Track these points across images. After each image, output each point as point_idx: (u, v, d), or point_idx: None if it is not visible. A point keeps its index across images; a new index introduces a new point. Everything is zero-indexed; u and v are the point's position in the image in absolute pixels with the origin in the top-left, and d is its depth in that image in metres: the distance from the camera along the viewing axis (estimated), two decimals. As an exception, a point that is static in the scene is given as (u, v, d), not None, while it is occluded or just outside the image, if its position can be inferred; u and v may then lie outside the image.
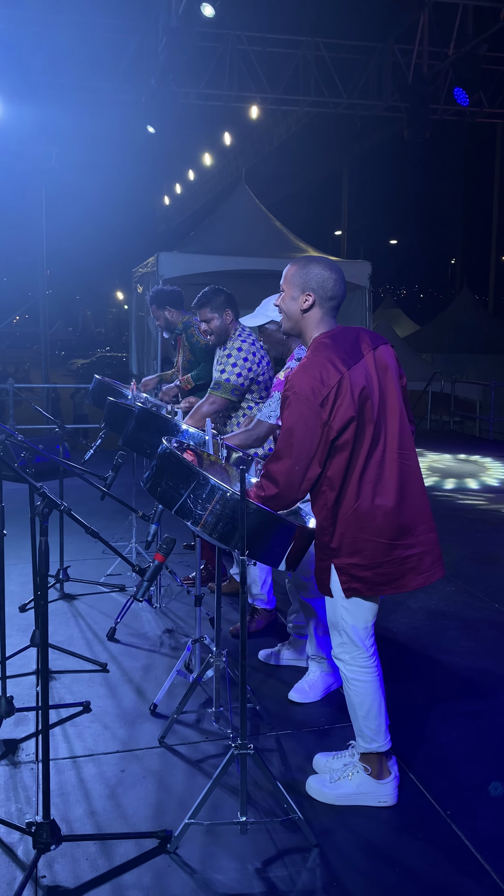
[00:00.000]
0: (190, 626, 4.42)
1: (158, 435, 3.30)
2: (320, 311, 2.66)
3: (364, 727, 2.76)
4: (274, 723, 3.36)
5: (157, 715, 3.43)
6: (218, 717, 3.32)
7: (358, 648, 2.70)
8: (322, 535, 2.63)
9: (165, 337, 5.26)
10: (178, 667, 3.49)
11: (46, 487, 2.48)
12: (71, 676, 3.78)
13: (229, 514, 2.51)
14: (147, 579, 2.76)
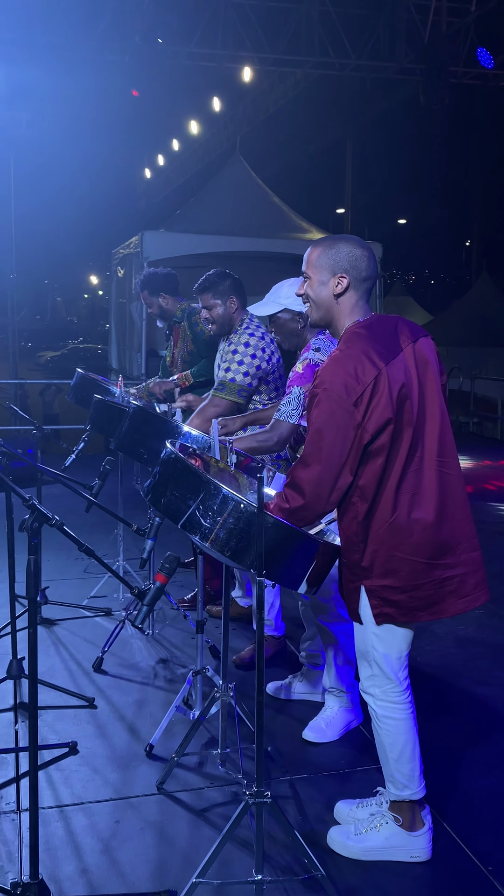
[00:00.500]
0: (188, 655, 4.38)
1: (156, 438, 3.27)
2: (355, 295, 2.63)
3: (396, 772, 2.72)
4: (287, 766, 3.33)
5: (154, 757, 3.38)
6: (224, 760, 3.27)
7: (390, 682, 2.66)
8: (351, 553, 2.59)
9: (159, 326, 5.22)
10: (176, 702, 3.45)
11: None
12: (54, 713, 3.73)
13: (244, 528, 2.47)
14: (147, 603, 2.73)
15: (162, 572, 2.77)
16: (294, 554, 2.55)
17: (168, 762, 3.22)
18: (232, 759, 3.32)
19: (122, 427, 3.46)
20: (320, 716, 3.59)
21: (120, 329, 12.11)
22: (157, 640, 4.55)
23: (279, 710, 3.81)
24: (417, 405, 2.56)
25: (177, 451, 2.64)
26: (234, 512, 2.46)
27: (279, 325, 3.57)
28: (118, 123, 23.54)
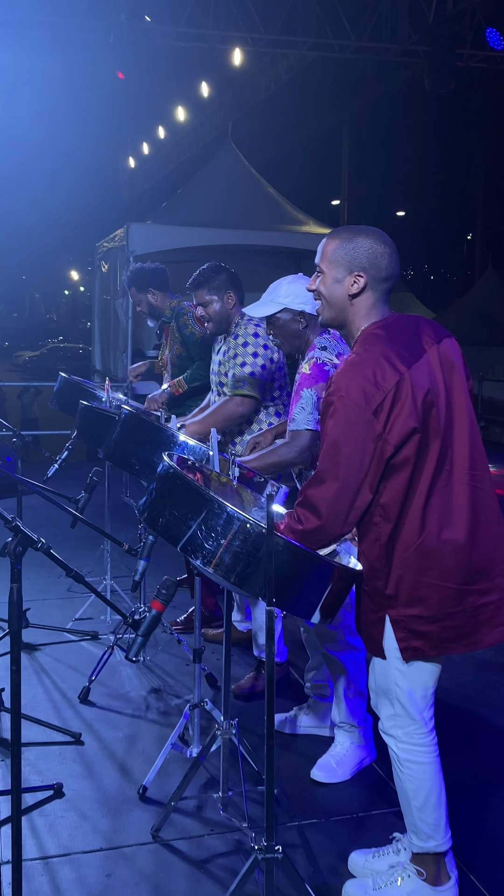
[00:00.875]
0: (182, 684, 4.25)
1: (150, 447, 3.14)
2: (373, 296, 2.51)
3: (419, 821, 2.59)
4: (295, 809, 3.20)
5: (148, 800, 3.25)
6: (226, 804, 3.14)
7: (414, 722, 2.53)
8: (374, 579, 2.46)
9: (150, 326, 5.11)
10: (172, 739, 3.31)
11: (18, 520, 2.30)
12: (36, 750, 3.59)
13: (251, 551, 2.34)
14: (142, 634, 2.61)
15: (158, 599, 2.65)
16: (307, 579, 2.42)
17: (164, 807, 3.09)
18: (234, 803, 3.18)
19: (111, 435, 3.33)
20: (330, 753, 3.47)
21: (104, 328, 11.98)
22: (148, 667, 4.41)
23: (284, 745, 3.68)
24: (445, 413, 2.43)
25: (175, 466, 2.50)
26: (240, 533, 2.34)
27: (278, 326, 3.43)
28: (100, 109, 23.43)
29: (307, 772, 3.43)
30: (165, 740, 3.66)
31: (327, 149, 27.88)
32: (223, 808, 3.13)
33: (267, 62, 17.20)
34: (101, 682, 4.18)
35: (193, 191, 11.45)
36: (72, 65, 13.50)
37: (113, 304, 11.03)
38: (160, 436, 3.16)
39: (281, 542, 2.34)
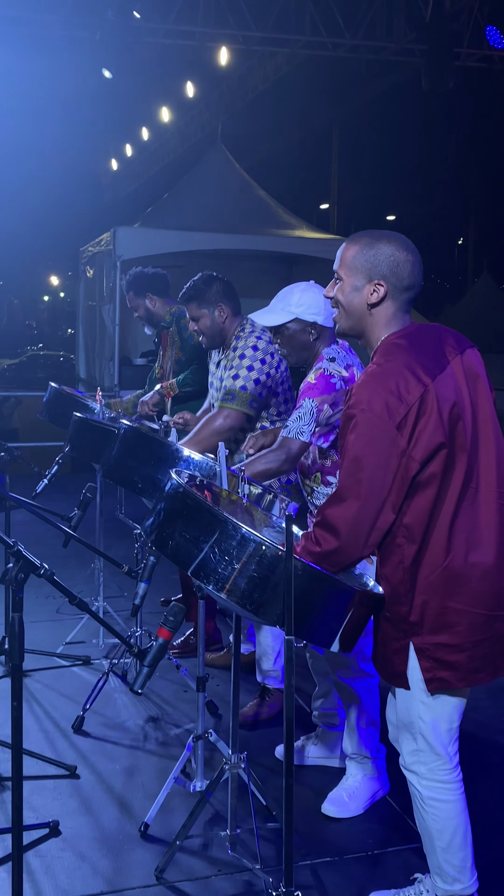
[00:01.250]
0: (181, 712, 4.15)
1: (152, 464, 3.05)
2: (393, 305, 2.45)
3: (444, 863, 2.51)
4: (307, 847, 3.11)
5: (150, 838, 3.16)
6: (234, 843, 3.04)
7: (439, 758, 2.45)
8: (397, 605, 2.39)
9: (148, 333, 5.03)
10: (175, 773, 3.22)
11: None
12: (29, 785, 3.48)
13: (267, 575, 2.27)
14: (149, 664, 2.53)
15: (166, 626, 2.57)
16: (327, 606, 2.35)
17: (169, 846, 2.99)
18: (242, 842, 3.09)
19: (111, 451, 3.24)
20: (341, 786, 3.38)
21: (89, 335, 11.88)
22: (144, 694, 4.31)
23: (292, 777, 3.58)
24: (471, 427, 2.37)
25: (184, 484, 2.42)
26: (256, 556, 2.26)
27: (287, 336, 3.35)
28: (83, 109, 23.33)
29: (317, 806, 3.34)
30: (166, 773, 3.57)
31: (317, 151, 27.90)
32: (231, 846, 3.04)
33: (254, 62, 17.18)
34: (96, 711, 4.08)
35: (182, 194, 11.38)
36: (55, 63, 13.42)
37: (99, 310, 10.93)
38: (163, 451, 3.07)
39: (300, 565, 2.26)
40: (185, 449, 3.13)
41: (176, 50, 13.11)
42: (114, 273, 9.90)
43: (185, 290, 4.08)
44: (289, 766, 2.29)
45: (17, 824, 2.19)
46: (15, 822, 2.18)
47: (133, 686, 2.50)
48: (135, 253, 9.95)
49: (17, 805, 2.17)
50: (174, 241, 9.97)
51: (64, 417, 4.82)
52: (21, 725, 2.19)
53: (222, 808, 3.29)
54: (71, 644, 4.83)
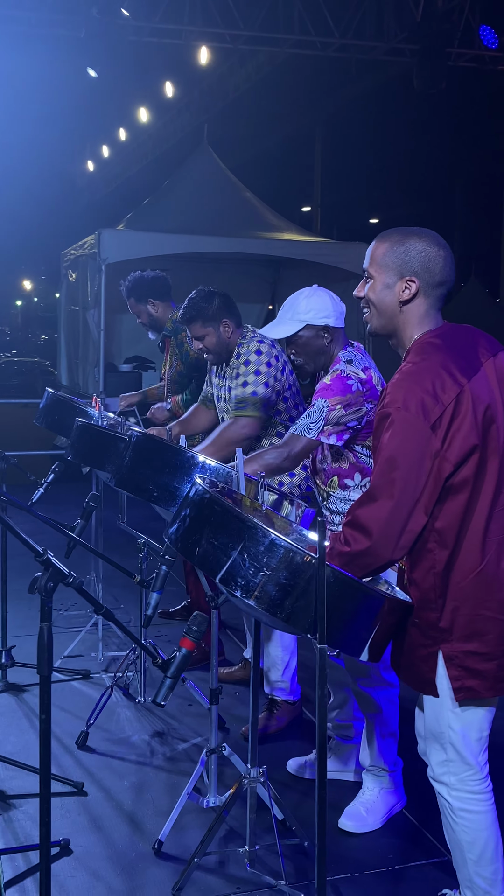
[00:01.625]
0: (186, 726, 4.15)
1: (168, 471, 3.05)
2: (425, 302, 2.46)
3: (475, 875, 2.52)
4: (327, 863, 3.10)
5: (165, 856, 3.15)
6: (252, 860, 3.04)
7: (469, 767, 2.47)
8: (427, 611, 2.40)
9: (151, 338, 5.03)
10: (188, 789, 3.21)
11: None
12: (37, 803, 3.43)
13: (298, 583, 2.27)
14: (172, 675, 2.53)
15: (189, 636, 2.58)
16: (358, 614, 2.36)
17: (186, 863, 2.99)
18: (260, 858, 3.09)
19: (115, 459, 3.24)
20: (358, 800, 3.39)
21: (71, 341, 11.85)
22: (147, 708, 4.31)
23: (305, 792, 3.60)
24: (503, 430, 2.39)
25: (211, 491, 2.43)
26: (287, 563, 2.26)
27: (301, 345, 3.37)
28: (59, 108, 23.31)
29: (333, 821, 3.35)
30: (175, 789, 3.59)
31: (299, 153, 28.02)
32: (250, 863, 3.04)
33: (235, 61, 17.26)
34: (99, 726, 4.06)
35: (168, 195, 11.39)
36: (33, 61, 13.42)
37: (82, 315, 10.91)
38: (178, 458, 3.07)
39: (332, 572, 2.28)
40: (199, 455, 3.13)
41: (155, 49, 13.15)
42: (98, 276, 9.88)
43: (185, 309, 4.06)
44: (322, 779, 2.30)
45: (45, 838, 2.18)
46: (43, 836, 2.18)
47: (156, 698, 2.50)
48: (120, 256, 9.93)
49: (46, 820, 2.17)
50: (160, 243, 9.97)
51: (60, 424, 4.82)
52: (49, 738, 2.19)
53: (236, 824, 3.30)
54: (69, 658, 4.82)
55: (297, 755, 3.80)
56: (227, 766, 3.45)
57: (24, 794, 3.52)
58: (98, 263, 9.87)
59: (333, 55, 11.55)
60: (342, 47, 11.22)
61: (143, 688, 4.31)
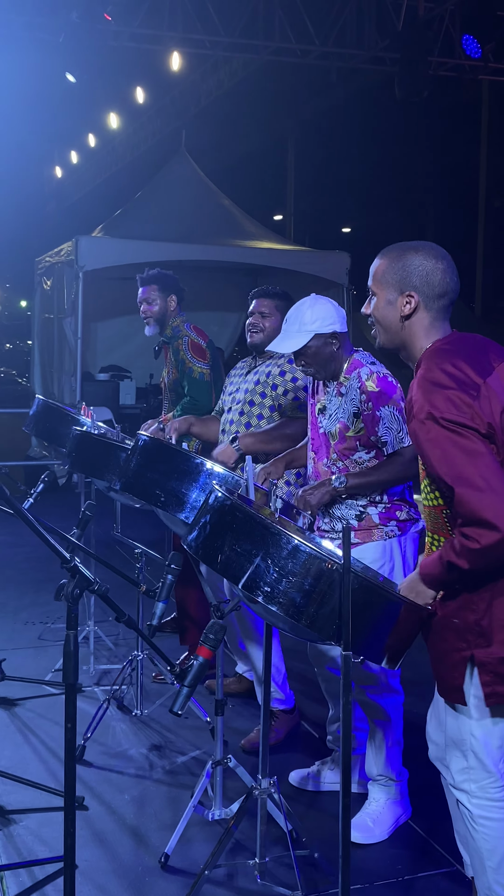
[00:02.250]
0: (185, 740, 4.17)
1: (176, 476, 3.08)
2: (428, 316, 2.52)
3: (494, 883, 2.56)
4: (335, 874, 3.13)
5: (171, 869, 3.17)
6: (263, 872, 3.06)
7: (490, 775, 2.51)
8: (467, 611, 2.43)
9: (147, 335, 5.02)
10: (194, 801, 3.23)
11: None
12: (37, 818, 3.48)
13: (322, 589, 2.32)
14: (189, 684, 2.56)
15: (206, 644, 2.62)
16: (380, 619, 2.40)
17: (196, 878, 3.00)
18: (269, 870, 3.11)
19: (129, 465, 3.26)
20: (364, 811, 3.43)
21: (45, 349, 11.81)
22: (143, 721, 4.31)
23: (309, 804, 3.63)
24: None
25: (233, 497, 2.47)
26: (308, 568, 2.30)
27: (311, 355, 3.41)
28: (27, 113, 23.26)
29: (338, 831, 3.37)
30: (177, 802, 3.60)
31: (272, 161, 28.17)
32: (260, 875, 3.06)
33: (208, 67, 17.33)
34: (96, 740, 4.07)
35: (146, 202, 11.42)
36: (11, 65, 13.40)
37: (57, 323, 10.89)
38: (186, 464, 3.10)
39: (355, 578, 2.32)
40: (207, 462, 3.16)
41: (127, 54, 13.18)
42: (76, 284, 9.89)
43: (264, 287, 4.21)
44: (346, 785, 2.34)
45: (70, 849, 2.19)
46: (67, 846, 2.19)
47: (172, 707, 2.52)
48: (98, 263, 9.96)
49: (70, 831, 2.18)
50: (139, 251, 9.99)
51: (51, 432, 4.84)
52: (74, 748, 2.20)
53: (241, 837, 3.32)
54: (59, 671, 4.80)
55: (297, 767, 3.84)
56: (229, 779, 3.47)
57: (25, 808, 3.51)
58: (75, 271, 9.88)
59: (314, 63, 11.66)
60: (323, 55, 11.33)
61: (139, 701, 4.32)
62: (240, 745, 4.04)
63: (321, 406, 3.48)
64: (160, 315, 4.90)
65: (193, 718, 4.29)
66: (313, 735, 4.23)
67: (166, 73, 16.22)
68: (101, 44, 9.65)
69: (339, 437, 3.36)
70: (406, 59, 9.67)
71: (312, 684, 4.56)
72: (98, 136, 26.39)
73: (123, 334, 12.12)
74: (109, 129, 24.76)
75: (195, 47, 11.28)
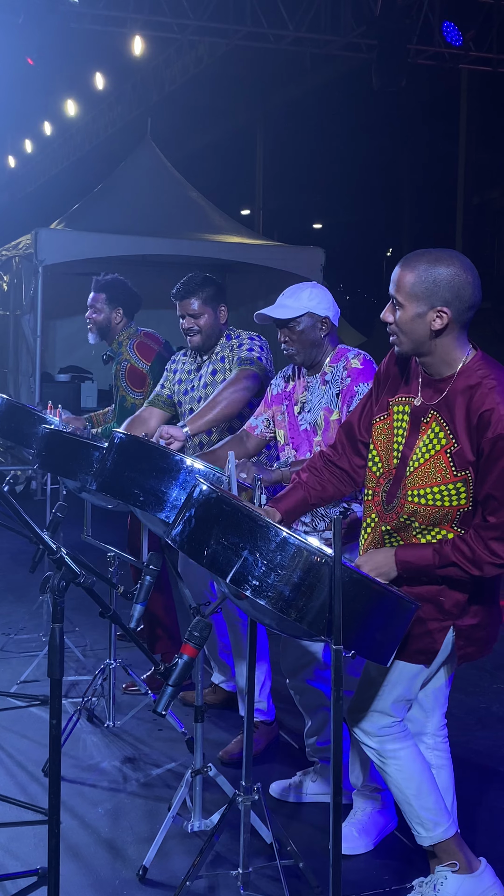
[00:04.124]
0: (158, 751, 4.25)
1: (155, 475, 3.15)
2: (457, 328, 2.66)
3: (420, 809, 2.90)
4: (322, 884, 3.22)
5: (150, 882, 3.24)
6: (246, 883, 3.14)
7: None
8: (457, 591, 2.78)
9: (91, 342, 5.11)
10: (173, 812, 3.30)
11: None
12: (7, 832, 3.53)
13: (306, 581, 2.41)
14: (174, 683, 2.64)
15: (191, 643, 2.69)
16: (371, 614, 2.51)
17: (177, 889, 3.07)
18: (252, 882, 3.19)
19: (106, 463, 3.33)
20: (349, 821, 3.52)
21: (1, 349, 11.82)
22: (116, 734, 4.38)
23: (291, 815, 3.72)
24: None
25: (218, 490, 2.55)
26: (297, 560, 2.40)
27: (298, 331, 3.53)
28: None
29: (324, 843, 3.40)
30: (153, 815, 3.67)
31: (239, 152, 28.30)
32: (244, 886, 3.14)
33: (172, 53, 17.40)
34: (66, 753, 4.11)
35: (110, 192, 11.49)
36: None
37: (14, 320, 10.92)
38: (166, 462, 3.17)
39: (355, 576, 2.43)
40: (187, 459, 3.24)
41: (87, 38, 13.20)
42: (35, 279, 9.94)
43: (184, 284, 4.25)
44: (337, 786, 2.43)
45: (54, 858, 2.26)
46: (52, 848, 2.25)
47: (157, 707, 2.60)
48: (59, 257, 10.02)
49: (55, 832, 2.24)
50: (102, 244, 10.08)
51: (17, 432, 4.89)
52: (59, 745, 2.27)
53: (223, 849, 3.39)
54: (25, 683, 4.86)
55: (278, 778, 3.92)
56: (208, 791, 3.54)
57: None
58: (35, 265, 9.92)
59: (286, 48, 11.79)
60: (296, 40, 11.46)
61: (111, 713, 4.38)
62: (218, 755, 4.12)
63: (300, 405, 3.60)
64: (103, 325, 4.97)
65: (168, 730, 4.36)
66: (293, 746, 4.32)
67: (127, 59, 16.26)
68: (63, 26, 9.70)
69: (325, 425, 3.49)
70: (383, 45, 9.84)
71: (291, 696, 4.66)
72: (55, 123, 26.36)
73: (85, 333, 12.11)
74: (67, 117, 24.76)
75: (162, 30, 11.36)
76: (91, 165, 23.99)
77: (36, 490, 10.16)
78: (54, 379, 11.54)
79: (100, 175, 13.42)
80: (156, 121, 12.87)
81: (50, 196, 26.50)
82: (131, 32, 11.68)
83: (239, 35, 11.16)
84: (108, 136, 24.07)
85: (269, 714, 4.29)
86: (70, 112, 24.02)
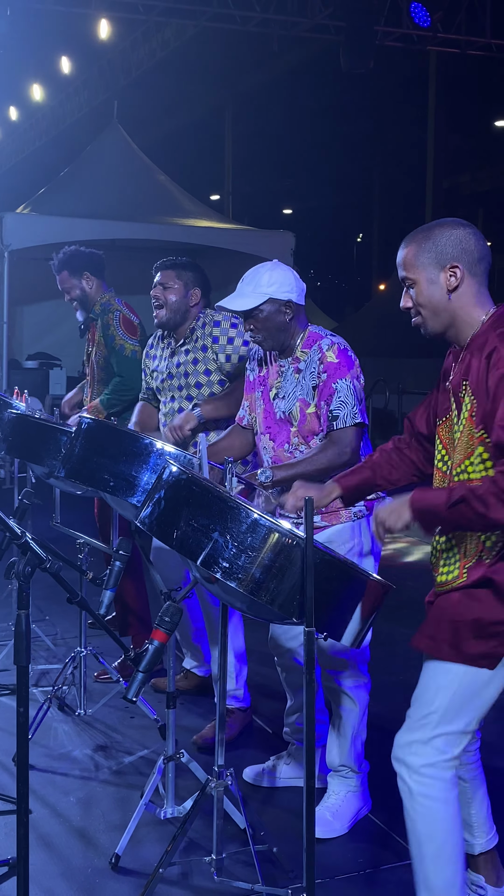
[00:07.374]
0: (131, 739, 4.22)
1: (125, 459, 3.12)
2: (474, 282, 2.59)
3: (433, 876, 2.63)
4: (295, 868, 3.21)
5: (123, 870, 3.21)
6: (219, 868, 3.12)
7: None
8: None
9: (79, 319, 5.06)
10: (146, 799, 3.28)
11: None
12: (-26, 823, 3.49)
13: (277, 562, 2.38)
14: (144, 669, 2.62)
15: (161, 628, 2.67)
16: (343, 595, 2.50)
17: (151, 877, 3.04)
18: (226, 867, 3.17)
19: (74, 449, 3.29)
20: (323, 805, 3.51)
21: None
22: (87, 722, 4.35)
23: (265, 800, 3.70)
24: None
25: (189, 471, 2.52)
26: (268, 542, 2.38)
27: (262, 319, 3.46)
28: None
29: (297, 827, 3.39)
30: (126, 802, 3.65)
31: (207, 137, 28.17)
32: (217, 872, 3.12)
33: (139, 36, 17.28)
34: (37, 742, 4.09)
35: (77, 176, 11.39)
36: None
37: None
38: (135, 445, 3.13)
39: (326, 557, 2.41)
40: (157, 442, 3.21)
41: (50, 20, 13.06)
42: (1, 264, 9.85)
43: (165, 260, 4.25)
44: (310, 770, 2.41)
45: (23, 848, 2.23)
46: (20, 836, 2.22)
47: (127, 694, 2.58)
48: (25, 242, 9.93)
49: (24, 821, 2.21)
50: (69, 229, 9.98)
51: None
52: (27, 733, 2.24)
53: (196, 835, 3.38)
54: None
55: (251, 763, 3.90)
56: (181, 778, 3.52)
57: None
58: (1, 250, 9.83)
59: (254, 30, 11.73)
60: (263, 22, 11.41)
61: (82, 701, 4.35)
62: (192, 740, 4.10)
63: (274, 391, 3.54)
64: (82, 298, 4.95)
65: (140, 717, 4.33)
66: (266, 731, 4.31)
67: (94, 42, 16.12)
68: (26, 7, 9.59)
69: (301, 417, 3.42)
70: (351, 27, 9.80)
71: (267, 679, 4.65)
72: (20, 108, 26.14)
73: (53, 319, 12.08)
74: (33, 101, 24.55)
75: (128, 12, 11.28)
76: (58, 150, 23.78)
77: (4, 479, 10.09)
78: (21, 365, 11.44)
79: (67, 160, 13.30)
80: (123, 105, 12.77)
81: (16, 181, 26.24)
82: (97, 14, 11.57)
83: (206, 17, 11.09)
84: (74, 121, 23.89)
85: (244, 701, 4.28)
86: (36, 96, 23.80)
